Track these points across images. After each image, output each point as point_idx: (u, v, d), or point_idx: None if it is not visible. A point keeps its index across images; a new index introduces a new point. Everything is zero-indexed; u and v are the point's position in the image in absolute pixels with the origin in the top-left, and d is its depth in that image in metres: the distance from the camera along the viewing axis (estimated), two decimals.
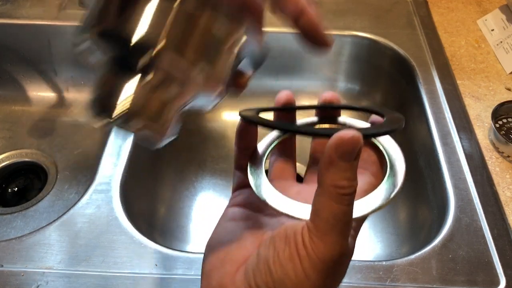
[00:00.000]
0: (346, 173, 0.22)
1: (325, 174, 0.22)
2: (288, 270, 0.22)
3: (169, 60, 0.22)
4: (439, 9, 0.81)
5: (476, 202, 0.52)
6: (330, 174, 0.22)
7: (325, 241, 0.22)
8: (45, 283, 0.45)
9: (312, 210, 0.23)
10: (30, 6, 0.79)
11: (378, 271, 0.46)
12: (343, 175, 0.22)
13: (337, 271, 0.24)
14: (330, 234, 0.22)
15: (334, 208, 0.22)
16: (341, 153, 0.21)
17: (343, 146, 0.21)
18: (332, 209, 0.22)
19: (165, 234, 0.65)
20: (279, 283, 0.22)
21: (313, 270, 0.22)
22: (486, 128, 0.61)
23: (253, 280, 0.23)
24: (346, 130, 0.22)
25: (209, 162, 0.76)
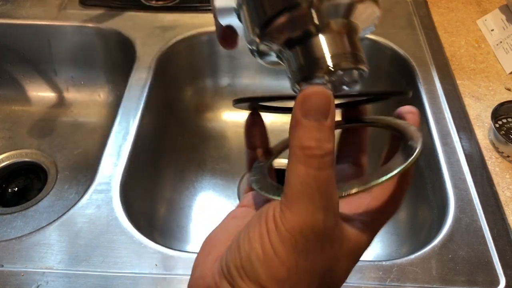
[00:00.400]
0: (313, 133, 0.19)
1: (291, 135, 0.20)
2: (255, 246, 0.20)
3: None
4: (439, 9, 0.81)
5: (476, 202, 0.52)
6: (296, 134, 0.20)
7: (293, 209, 0.19)
8: (45, 283, 0.45)
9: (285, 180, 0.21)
10: (30, 6, 0.79)
11: (378, 271, 0.46)
12: (310, 135, 0.19)
13: (313, 250, 0.20)
14: (297, 202, 0.19)
15: (301, 171, 0.19)
16: (306, 111, 0.19)
17: (308, 102, 0.19)
18: (299, 173, 0.19)
19: (165, 234, 0.65)
20: (246, 260, 0.20)
21: (281, 244, 0.20)
22: (486, 128, 0.61)
23: (224, 262, 0.21)
24: (315, 86, 0.20)
25: (209, 162, 0.76)
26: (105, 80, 0.82)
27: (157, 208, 0.67)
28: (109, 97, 0.82)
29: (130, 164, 0.57)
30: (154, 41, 0.73)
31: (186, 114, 0.80)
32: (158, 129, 0.70)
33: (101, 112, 0.81)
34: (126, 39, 0.74)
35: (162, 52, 0.72)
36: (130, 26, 0.75)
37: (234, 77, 0.81)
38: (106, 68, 0.80)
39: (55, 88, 0.82)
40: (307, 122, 0.19)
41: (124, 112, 0.63)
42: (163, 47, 0.73)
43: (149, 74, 0.69)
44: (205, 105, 0.82)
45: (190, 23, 0.76)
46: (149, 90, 0.66)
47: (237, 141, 0.79)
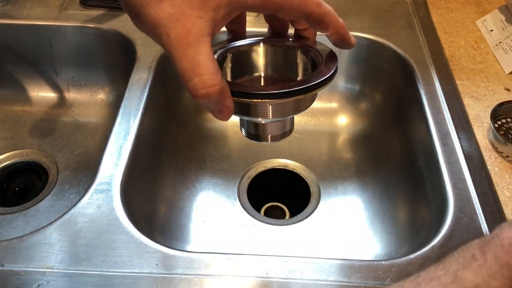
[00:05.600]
0: None
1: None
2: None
3: None
4: (438, 10, 0.82)
5: (475, 202, 0.53)
6: None
7: None
8: (46, 283, 0.45)
9: None
10: (31, 7, 0.79)
11: (377, 270, 0.46)
12: None
13: None
14: None
15: None
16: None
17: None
18: None
19: (165, 233, 0.65)
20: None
21: None
22: (485, 128, 0.61)
23: None
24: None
25: (209, 162, 0.76)
26: (105, 80, 0.82)
27: (157, 208, 0.67)
28: (109, 97, 0.82)
29: (131, 164, 0.58)
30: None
31: (186, 114, 0.80)
32: (158, 129, 0.70)
33: (102, 112, 0.81)
34: (126, 40, 0.74)
35: (162, 52, 0.72)
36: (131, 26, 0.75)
37: None
38: (107, 68, 0.81)
39: (55, 88, 0.83)
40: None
41: (125, 112, 0.63)
42: None
43: (150, 74, 0.69)
44: None
45: None
46: (149, 90, 0.67)
47: (237, 141, 0.79)
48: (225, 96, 0.29)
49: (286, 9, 0.30)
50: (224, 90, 0.29)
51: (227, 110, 0.30)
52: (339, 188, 0.73)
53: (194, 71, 0.27)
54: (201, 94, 0.28)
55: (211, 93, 0.28)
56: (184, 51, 0.27)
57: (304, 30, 0.35)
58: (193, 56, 0.27)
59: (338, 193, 0.72)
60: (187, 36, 0.27)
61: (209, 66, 0.28)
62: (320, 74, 0.32)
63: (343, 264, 0.47)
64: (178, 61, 0.28)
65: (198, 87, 0.28)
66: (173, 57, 0.28)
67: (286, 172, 0.75)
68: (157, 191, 0.68)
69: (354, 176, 0.74)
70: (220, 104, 0.30)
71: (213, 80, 0.28)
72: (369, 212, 0.69)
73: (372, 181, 0.72)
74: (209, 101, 0.29)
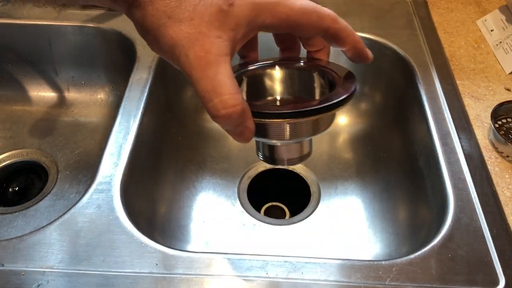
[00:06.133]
0: None
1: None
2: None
3: None
4: (438, 10, 0.82)
5: (476, 202, 0.53)
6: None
7: None
8: (45, 282, 0.45)
9: None
10: (31, 7, 0.79)
11: (378, 270, 0.46)
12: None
13: None
14: None
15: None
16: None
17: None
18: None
19: (165, 233, 0.65)
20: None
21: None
22: (485, 128, 0.61)
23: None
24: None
25: (209, 162, 0.76)
26: (105, 80, 0.82)
27: (157, 208, 0.67)
28: (109, 97, 0.82)
29: (131, 164, 0.58)
30: None
31: (186, 114, 0.80)
32: (158, 129, 0.70)
33: (102, 112, 0.81)
34: (126, 39, 0.74)
35: None
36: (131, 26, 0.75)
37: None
38: (107, 68, 0.81)
39: (55, 88, 0.83)
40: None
41: (125, 112, 0.63)
42: None
43: (150, 74, 0.69)
44: None
45: None
46: (149, 90, 0.67)
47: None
48: (247, 116, 0.29)
49: (305, 26, 0.30)
50: (246, 110, 0.28)
51: (248, 131, 0.29)
52: (339, 188, 0.73)
53: (214, 91, 0.26)
54: (223, 115, 0.27)
55: (233, 114, 0.27)
56: (203, 71, 0.27)
57: (317, 52, 0.35)
58: (213, 76, 0.26)
59: (338, 193, 0.72)
60: (206, 56, 0.26)
61: (230, 85, 0.27)
62: (339, 94, 0.31)
63: (343, 264, 0.47)
64: (198, 82, 0.27)
65: (219, 108, 0.27)
66: (192, 78, 0.27)
67: (286, 172, 0.75)
68: (157, 191, 0.68)
69: (354, 176, 0.74)
70: (241, 125, 0.29)
71: (235, 100, 0.27)
72: (369, 212, 0.69)
73: (372, 181, 0.72)
74: (230, 122, 0.28)
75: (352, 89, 0.32)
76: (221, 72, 0.27)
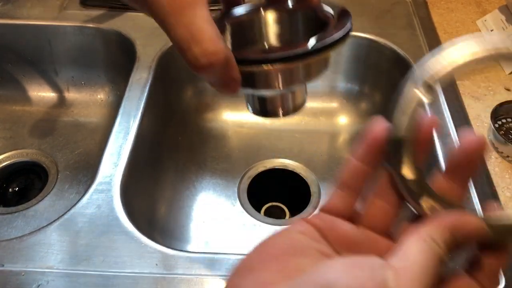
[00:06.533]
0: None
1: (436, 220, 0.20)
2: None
3: None
4: (438, 10, 0.82)
5: (476, 202, 0.53)
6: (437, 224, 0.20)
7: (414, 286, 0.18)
8: (45, 283, 0.45)
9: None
10: (31, 6, 0.79)
11: None
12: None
13: None
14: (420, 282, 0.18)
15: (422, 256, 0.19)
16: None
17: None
18: (420, 256, 0.19)
19: (165, 233, 0.65)
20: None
21: None
22: (485, 128, 0.61)
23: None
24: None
25: (209, 162, 0.76)
26: (105, 80, 0.82)
27: (157, 208, 0.67)
28: (109, 97, 0.82)
29: (131, 164, 0.58)
30: (154, 41, 0.73)
31: (186, 114, 0.80)
32: (158, 129, 0.70)
33: (102, 112, 0.81)
34: (126, 39, 0.74)
35: (162, 52, 0.72)
36: (131, 26, 0.76)
37: None
38: (107, 68, 0.80)
39: (55, 88, 0.82)
40: (453, 239, 0.20)
41: (125, 112, 0.63)
42: (164, 47, 0.73)
43: (150, 74, 0.69)
44: (205, 105, 0.82)
45: None
46: (149, 90, 0.67)
47: (237, 141, 0.79)
48: (231, 65, 0.25)
49: None
50: (229, 58, 0.25)
51: (234, 82, 0.26)
52: None
53: (192, 38, 0.23)
54: (203, 64, 0.24)
55: (215, 62, 0.24)
56: (178, 16, 0.23)
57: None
58: (189, 21, 0.23)
59: None
60: (180, 0, 0.23)
61: (210, 31, 0.24)
62: (331, 34, 0.28)
63: None
64: (173, 29, 0.24)
65: (199, 56, 0.24)
66: (166, 25, 0.24)
67: (286, 172, 0.75)
68: (157, 191, 0.68)
69: None
70: (225, 75, 0.26)
71: (215, 47, 0.24)
72: None
73: None
74: (213, 72, 0.25)
75: (347, 27, 0.29)
76: (198, 16, 0.23)
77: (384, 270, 0.18)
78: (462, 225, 0.20)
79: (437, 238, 0.20)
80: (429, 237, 0.20)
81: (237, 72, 0.26)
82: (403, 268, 0.18)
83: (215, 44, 0.24)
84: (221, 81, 0.26)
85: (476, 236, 0.21)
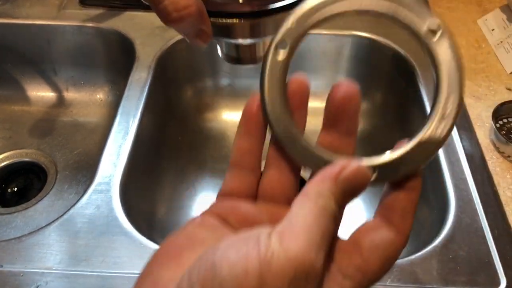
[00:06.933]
0: (331, 200, 0.19)
1: (314, 180, 0.20)
2: (239, 272, 0.17)
3: None
4: (439, 9, 0.81)
5: (477, 202, 0.52)
6: (319, 183, 0.20)
7: (293, 243, 0.17)
8: (44, 283, 0.45)
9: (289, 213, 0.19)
10: (30, 6, 0.79)
11: None
12: (329, 198, 0.19)
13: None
14: (300, 237, 0.18)
15: (310, 209, 0.19)
16: (341, 186, 0.20)
17: (346, 182, 0.20)
18: (308, 210, 0.19)
19: (165, 234, 0.64)
20: (223, 284, 0.17)
21: (273, 277, 0.17)
22: (486, 128, 0.61)
23: (188, 280, 0.18)
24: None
25: (209, 162, 0.76)
26: (105, 80, 0.81)
27: (157, 208, 0.67)
28: (109, 97, 0.82)
29: (130, 164, 0.57)
30: (154, 41, 0.73)
31: (186, 114, 0.80)
32: (158, 129, 0.70)
33: (101, 112, 0.81)
34: (126, 39, 0.74)
35: (162, 52, 0.72)
36: (130, 26, 0.75)
37: (234, 77, 0.81)
38: (106, 68, 0.80)
39: (55, 88, 0.82)
40: (340, 190, 0.19)
41: (124, 112, 0.63)
42: (163, 47, 0.72)
43: (149, 74, 0.68)
44: (205, 105, 0.82)
45: None
46: (149, 90, 0.66)
47: None
48: (203, 18, 0.26)
49: None
50: (201, 11, 0.25)
51: (205, 35, 0.27)
52: None
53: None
54: (175, 18, 0.24)
55: (186, 16, 0.24)
56: None
57: None
58: None
59: None
60: None
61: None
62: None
63: None
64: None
65: (170, 10, 0.24)
66: None
67: None
68: (156, 191, 0.68)
69: None
70: (196, 27, 0.26)
71: (187, 0, 0.24)
72: (370, 213, 0.68)
73: None
74: (185, 26, 0.25)
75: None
76: None
77: (268, 236, 0.18)
78: (347, 175, 0.20)
79: (322, 191, 0.19)
80: (312, 192, 0.19)
81: (209, 25, 0.26)
82: (288, 228, 0.18)
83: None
84: (191, 34, 0.26)
85: (363, 181, 0.20)
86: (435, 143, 0.23)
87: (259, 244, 0.18)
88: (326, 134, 0.24)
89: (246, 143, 0.24)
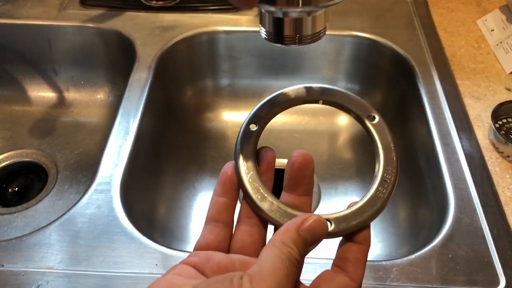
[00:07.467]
0: (301, 248, 0.24)
1: (284, 229, 0.24)
2: None
3: None
4: (439, 9, 0.81)
5: (476, 202, 0.52)
6: (288, 235, 0.24)
7: (268, 284, 0.21)
8: (45, 283, 0.45)
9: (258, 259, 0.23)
10: (30, 6, 0.79)
11: (378, 271, 0.46)
12: (299, 248, 0.24)
13: None
14: (268, 281, 0.22)
15: (279, 257, 0.23)
16: (306, 231, 0.24)
17: (311, 229, 0.24)
18: (276, 258, 0.23)
19: (165, 233, 0.65)
20: None
21: None
22: (486, 128, 0.61)
23: None
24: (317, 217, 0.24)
25: (209, 162, 0.76)
26: (105, 80, 0.82)
27: (157, 208, 0.67)
28: (109, 97, 0.82)
29: (130, 164, 0.57)
30: (154, 41, 0.73)
31: (186, 114, 0.80)
32: (158, 129, 0.70)
33: (101, 112, 0.81)
34: (126, 39, 0.74)
35: (162, 52, 0.72)
36: (130, 26, 0.76)
37: (234, 77, 0.81)
38: (106, 68, 0.80)
39: (55, 88, 0.82)
40: (301, 239, 0.24)
41: (124, 112, 0.63)
42: (163, 47, 0.73)
43: (149, 74, 0.69)
44: (205, 105, 0.82)
45: (190, 23, 0.77)
46: (149, 90, 0.67)
47: None
48: None
49: None
50: None
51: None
52: (339, 188, 0.73)
53: None
54: None
55: None
56: None
57: None
58: None
59: (339, 193, 0.72)
60: None
61: None
62: None
63: None
64: None
65: None
66: None
67: None
68: (157, 191, 0.68)
69: (355, 176, 0.74)
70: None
71: None
72: None
73: None
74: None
75: None
76: None
77: (240, 278, 0.21)
78: (308, 226, 0.24)
79: (286, 241, 0.23)
80: (278, 241, 0.23)
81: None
82: (258, 272, 0.22)
83: None
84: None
85: (322, 231, 0.25)
86: (380, 202, 0.30)
87: (232, 285, 0.21)
88: (288, 195, 0.29)
89: (222, 200, 0.29)
